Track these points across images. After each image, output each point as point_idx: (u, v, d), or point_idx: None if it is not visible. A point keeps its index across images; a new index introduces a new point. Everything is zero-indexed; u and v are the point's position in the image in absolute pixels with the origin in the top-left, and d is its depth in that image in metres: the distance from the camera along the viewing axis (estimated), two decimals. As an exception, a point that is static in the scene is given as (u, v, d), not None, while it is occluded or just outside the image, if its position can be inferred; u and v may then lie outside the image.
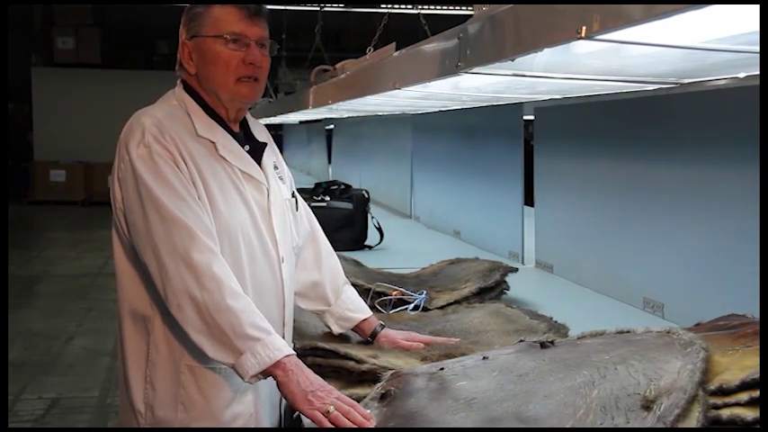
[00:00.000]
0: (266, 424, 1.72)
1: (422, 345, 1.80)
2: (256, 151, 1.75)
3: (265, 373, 1.50)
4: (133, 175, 1.57)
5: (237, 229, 1.64)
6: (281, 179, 1.82)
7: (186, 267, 1.51)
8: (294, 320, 1.85)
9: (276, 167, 1.82)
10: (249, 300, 1.55)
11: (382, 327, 1.87)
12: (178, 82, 1.74)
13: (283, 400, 1.71)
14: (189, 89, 1.71)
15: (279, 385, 1.50)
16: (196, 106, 1.69)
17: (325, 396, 1.44)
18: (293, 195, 1.85)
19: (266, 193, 1.73)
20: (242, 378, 1.51)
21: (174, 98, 1.71)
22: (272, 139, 1.87)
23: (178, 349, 1.62)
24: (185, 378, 1.62)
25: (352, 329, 1.90)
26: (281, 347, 1.50)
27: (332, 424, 1.39)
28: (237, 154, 1.70)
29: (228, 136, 1.70)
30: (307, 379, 1.47)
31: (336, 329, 1.89)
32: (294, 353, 1.53)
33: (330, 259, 1.94)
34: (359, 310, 1.90)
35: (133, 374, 1.66)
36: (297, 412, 1.48)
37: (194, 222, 1.55)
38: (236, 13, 1.66)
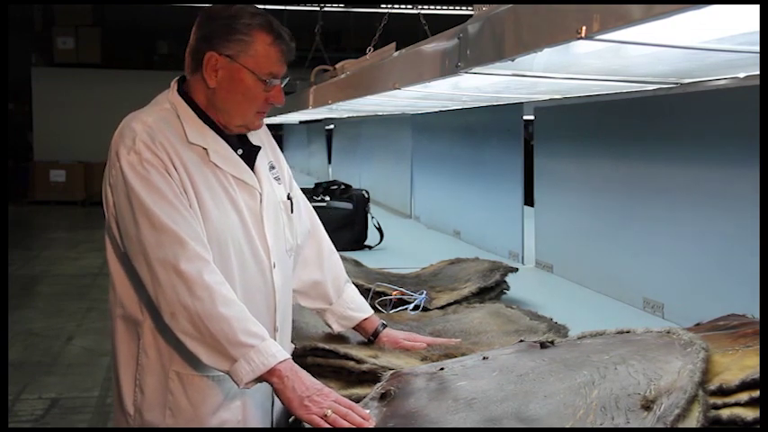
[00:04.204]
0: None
1: (423, 345, 1.79)
2: (250, 155, 1.73)
3: (260, 380, 1.50)
4: (123, 183, 1.56)
5: (227, 236, 1.63)
6: (278, 179, 1.80)
7: (177, 276, 1.51)
8: (294, 321, 1.85)
9: (273, 167, 1.80)
10: (242, 306, 1.55)
11: (384, 326, 1.87)
12: (172, 84, 1.71)
13: (275, 407, 1.72)
14: (182, 92, 1.68)
15: (275, 392, 1.50)
16: (188, 111, 1.66)
17: (322, 400, 1.44)
18: (288, 197, 1.82)
19: (259, 198, 1.70)
20: (237, 385, 1.51)
21: (167, 101, 1.68)
22: (269, 136, 1.85)
23: (167, 355, 1.62)
24: (173, 384, 1.62)
25: (354, 329, 1.89)
26: (275, 353, 1.50)
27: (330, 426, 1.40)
28: (230, 159, 1.67)
29: (221, 141, 1.67)
30: (303, 384, 1.47)
31: (337, 328, 1.89)
32: (290, 357, 1.53)
33: (332, 258, 1.93)
34: (360, 309, 1.89)
35: (123, 377, 1.66)
36: (293, 417, 1.48)
37: (185, 230, 1.54)
38: (277, 55, 1.64)
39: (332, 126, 8.06)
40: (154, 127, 1.60)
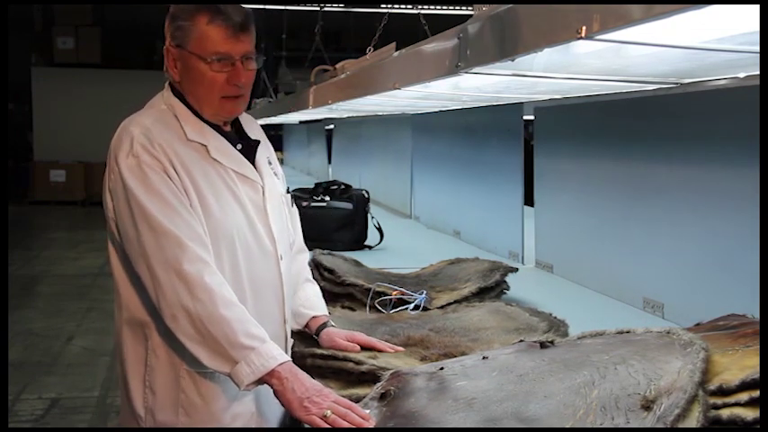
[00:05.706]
0: (272, 421, 1.72)
1: (357, 347, 1.74)
2: (249, 150, 1.74)
3: (261, 381, 1.50)
4: (123, 187, 1.56)
5: (233, 232, 1.64)
6: (275, 175, 1.81)
7: (178, 278, 1.51)
8: None
9: (270, 162, 1.81)
10: (243, 308, 1.55)
11: (329, 326, 1.82)
12: (166, 85, 1.72)
13: None
14: (177, 92, 1.69)
15: (275, 393, 1.50)
16: (185, 110, 1.67)
17: (321, 401, 1.44)
18: (288, 191, 1.85)
19: (261, 191, 1.72)
20: (238, 387, 1.51)
21: (163, 102, 1.69)
22: (264, 134, 1.85)
23: (177, 354, 1.62)
24: (185, 382, 1.62)
25: (305, 328, 1.86)
26: (275, 356, 1.50)
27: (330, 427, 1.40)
28: (230, 155, 1.68)
29: (220, 137, 1.68)
30: (302, 385, 1.47)
31: (293, 326, 1.85)
32: (289, 359, 1.53)
33: (299, 257, 1.93)
34: (312, 307, 1.87)
35: (132, 379, 1.66)
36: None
37: (185, 232, 1.54)
38: (221, 32, 1.59)
39: (332, 126, 8.05)
40: (151, 129, 1.60)
